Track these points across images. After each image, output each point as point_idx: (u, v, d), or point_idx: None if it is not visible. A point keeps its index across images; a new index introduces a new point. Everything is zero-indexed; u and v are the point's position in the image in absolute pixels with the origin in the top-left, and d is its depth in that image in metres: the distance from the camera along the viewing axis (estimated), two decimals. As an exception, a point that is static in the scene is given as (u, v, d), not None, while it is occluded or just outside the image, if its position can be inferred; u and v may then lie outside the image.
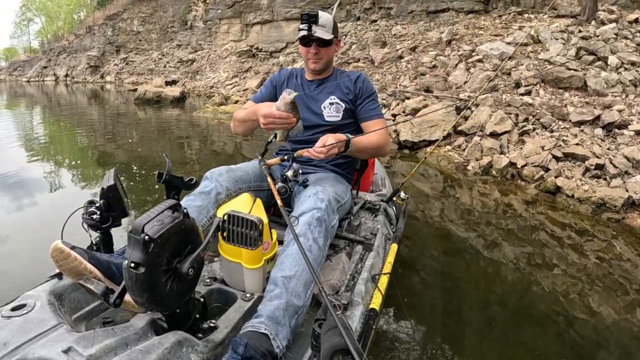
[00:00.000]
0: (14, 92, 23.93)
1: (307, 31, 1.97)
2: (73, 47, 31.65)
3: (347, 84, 2.11)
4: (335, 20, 2.11)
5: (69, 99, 17.66)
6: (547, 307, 2.59)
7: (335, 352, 1.07)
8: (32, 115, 12.98)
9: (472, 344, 2.25)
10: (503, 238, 3.58)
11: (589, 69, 6.45)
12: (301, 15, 2.00)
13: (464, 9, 12.30)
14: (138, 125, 10.21)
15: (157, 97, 14.02)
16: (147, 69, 23.07)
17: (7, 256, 3.09)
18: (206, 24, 23.52)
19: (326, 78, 2.17)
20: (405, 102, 7.13)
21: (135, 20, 28.70)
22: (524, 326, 2.41)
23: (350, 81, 2.11)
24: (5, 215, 4.01)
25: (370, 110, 2.07)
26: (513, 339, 2.31)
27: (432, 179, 5.28)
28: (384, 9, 14.87)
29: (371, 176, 3.02)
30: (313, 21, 1.97)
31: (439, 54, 9.07)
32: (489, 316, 2.49)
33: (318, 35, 1.97)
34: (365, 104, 2.08)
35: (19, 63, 39.34)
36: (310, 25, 1.97)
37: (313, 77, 2.18)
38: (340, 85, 2.12)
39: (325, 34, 1.99)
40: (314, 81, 2.17)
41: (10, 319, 1.18)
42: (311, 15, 1.96)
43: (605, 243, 3.49)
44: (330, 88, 2.12)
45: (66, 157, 6.79)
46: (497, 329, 2.39)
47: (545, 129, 5.48)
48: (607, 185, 4.32)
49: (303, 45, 2.06)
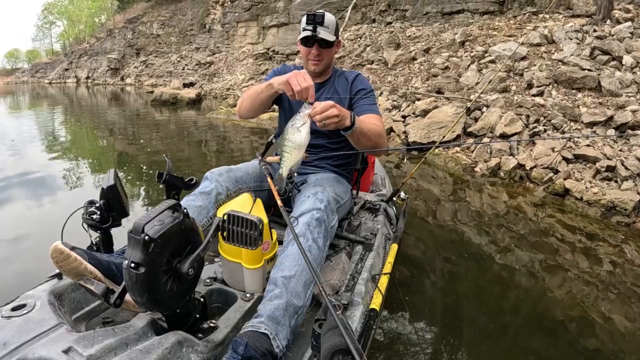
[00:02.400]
0: (36, 93, 24.60)
1: (311, 32, 1.94)
2: (94, 49, 32.37)
3: (344, 85, 2.09)
4: (337, 21, 2.08)
5: (89, 101, 18.06)
6: (548, 308, 2.54)
7: (335, 352, 1.07)
8: (54, 115, 13.28)
9: (472, 344, 2.22)
10: (507, 240, 3.52)
11: (603, 69, 6.30)
12: (307, 14, 1.97)
13: (479, 10, 12.16)
14: (153, 125, 10.37)
15: (173, 98, 14.22)
16: (166, 72, 23.43)
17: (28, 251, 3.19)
18: (224, 27, 23.76)
19: (325, 81, 2.13)
20: (416, 104, 7.08)
21: (155, 23, 29.17)
22: (525, 327, 2.38)
23: (347, 82, 2.09)
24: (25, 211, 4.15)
25: (367, 105, 2.02)
26: (513, 340, 2.28)
27: (439, 181, 5.22)
28: (399, 11, 14.80)
29: (371, 176, 3.00)
30: (319, 22, 1.94)
31: (451, 56, 8.99)
32: (489, 317, 2.46)
33: (322, 36, 1.94)
34: (362, 101, 2.04)
35: (41, 65, 40.37)
36: (315, 26, 1.94)
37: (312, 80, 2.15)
38: (337, 88, 2.09)
39: (328, 35, 1.96)
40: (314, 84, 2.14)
41: (10, 319, 1.18)
42: (317, 15, 1.93)
43: (615, 248, 3.37)
44: (327, 93, 2.09)
45: (82, 155, 6.94)
46: (497, 329, 2.36)
47: (557, 130, 5.37)
48: (617, 188, 4.21)
49: (304, 45, 2.01)
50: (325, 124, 1.52)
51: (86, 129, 10.27)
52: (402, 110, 7.16)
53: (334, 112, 1.51)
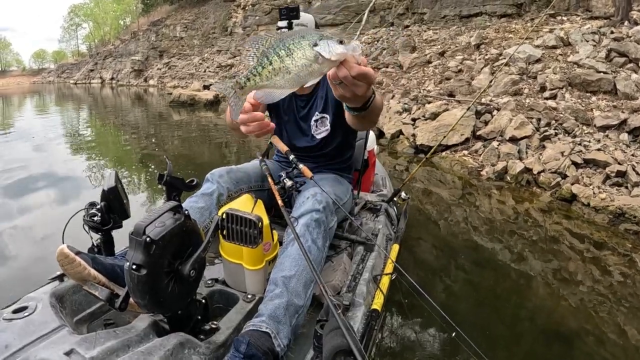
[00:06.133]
0: (62, 93, 25.33)
1: (287, 28, 1.85)
2: (118, 51, 33.10)
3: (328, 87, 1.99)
4: (317, 22, 1.99)
5: (113, 101, 18.47)
6: (549, 316, 2.49)
7: (337, 353, 1.07)
8: (79, 115, 13.69)
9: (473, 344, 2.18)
10: (510, 244, 3.45)
11: (620, 72, 6.10)
12: (279, 9, 1.81)
13: (496, 13, 12.01)
14: (172, 126, 10.56)
15: (190, 100, 14.41)
16: (188, 74, 23.72)
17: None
18: (245, 30, 24.02)
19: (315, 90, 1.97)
20: (426, 107, 6.99)
21: (178, 26, 29.66)
22: (525, 328, 2.36)
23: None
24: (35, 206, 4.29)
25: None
26: (514, 345, 2.25)
27: (444, 183, 5.14)
28: (417, 14, 14.71)
29: (372, 176, 2.99)
30: (294, 16, 1.83)
31: (465, 59, 8.86)
32: (492, 319, 2.42)
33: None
34: None
35: (67, 66, 41.44)
36: (291, 22, 1.84)
37: (301, 92, 1.93)
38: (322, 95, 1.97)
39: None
40: (302, 97, 1.99)
41: (11, 322, 1.19)
42: (291, 9, 1.82)
43: (623, 257, 3.24)
44: (315, 103, 1.99)
45: (97, 154, 7.11)
46: (498, 331, 2.33)
47: (568, 134, 5.23)
48: (627, 194, 4.06)
49: None
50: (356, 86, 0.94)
51: (107, 127, 10.54)
52: (412, 113, 7.08)
53: (371, 75, 0.95)
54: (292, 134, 2.06)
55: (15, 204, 4.41)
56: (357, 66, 0.88)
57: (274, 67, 0.88)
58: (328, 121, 1.96)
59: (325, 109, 1.96)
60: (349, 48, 0.85)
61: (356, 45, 0.86)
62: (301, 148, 2.04)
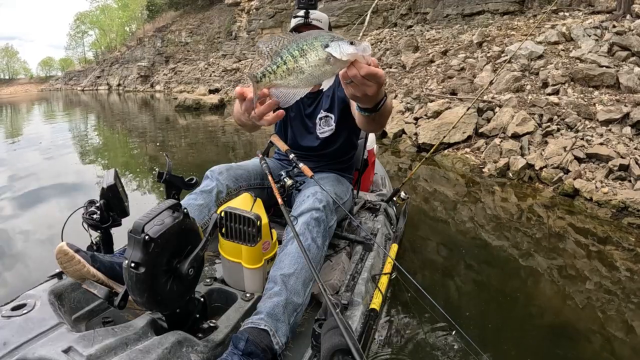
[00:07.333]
0: (69, 100, 25.50)
1: (304, 18, 1.84)
2: (125, 57, 33.34)
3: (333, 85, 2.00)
4: (329, 22, 2.00)
5: (120, 107, 18.58)
6: (552, 312, 2.47)
7: (335, 352, 1.07)
8: (87, 121, 13.80)
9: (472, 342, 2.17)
10: (512, 241, 3.43)
11: (622, 65, 6.04)
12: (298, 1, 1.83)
13: (499, 10, 11.95)
14: (181, 129, 10.64)
15: (196, 104, 14.51)
16: (194, 78, 23.82)
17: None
18: (249, 34, 24.08)
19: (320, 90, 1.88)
20: (428, 105, 6.98)
21: (183, 32, 29.83)
22: (527, 326, 2.33)
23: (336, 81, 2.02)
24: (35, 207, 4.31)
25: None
26: (515, 343, 2.22)
27: (446, 181, 5.13)
28: (420, 14, 14.68)
29: (371, 176, 2.99)
30: (312, 5, 1.83)
31: (468, 57, 8.84)
32: (492, 317, 2.41)
33: (316, 24, 1.84)
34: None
35: (74, 73, 41.79)
36: (308, 12, 1.83)
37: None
38: (329, 94, 1.98)
39: (322, 26, 1.87)
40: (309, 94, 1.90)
41: (10, 319, 1.20)
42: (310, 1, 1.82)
43: (627, 251, 3.21)
44: (321, 101, 2.02)
45: (100, 157, 7.18)
46: (498, 330, 2.31)
47: (570, 129, 5.19)
48: (631, 188, 4.03)
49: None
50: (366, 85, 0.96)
51: (114, 132, 10.62)
52: (414, 112, 7.08)
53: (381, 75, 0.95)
54: (297, 132, 2.07)
55: (17, 203, 4.45)
56: (367, 66, 0.91)
57: (288, 67, 0.91)
58: (333, 120, 1.98)
59: (331, 108, 1.97)
60: (360, 49, 0.89)
61: (366, 46, 0.90)
62: (304, 147, 2.05)
